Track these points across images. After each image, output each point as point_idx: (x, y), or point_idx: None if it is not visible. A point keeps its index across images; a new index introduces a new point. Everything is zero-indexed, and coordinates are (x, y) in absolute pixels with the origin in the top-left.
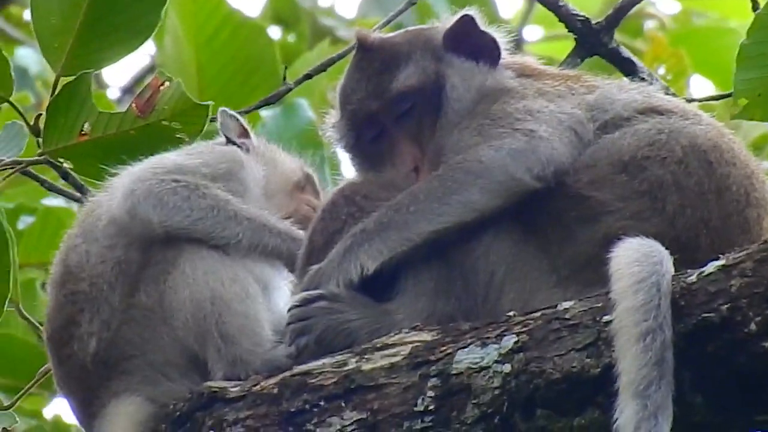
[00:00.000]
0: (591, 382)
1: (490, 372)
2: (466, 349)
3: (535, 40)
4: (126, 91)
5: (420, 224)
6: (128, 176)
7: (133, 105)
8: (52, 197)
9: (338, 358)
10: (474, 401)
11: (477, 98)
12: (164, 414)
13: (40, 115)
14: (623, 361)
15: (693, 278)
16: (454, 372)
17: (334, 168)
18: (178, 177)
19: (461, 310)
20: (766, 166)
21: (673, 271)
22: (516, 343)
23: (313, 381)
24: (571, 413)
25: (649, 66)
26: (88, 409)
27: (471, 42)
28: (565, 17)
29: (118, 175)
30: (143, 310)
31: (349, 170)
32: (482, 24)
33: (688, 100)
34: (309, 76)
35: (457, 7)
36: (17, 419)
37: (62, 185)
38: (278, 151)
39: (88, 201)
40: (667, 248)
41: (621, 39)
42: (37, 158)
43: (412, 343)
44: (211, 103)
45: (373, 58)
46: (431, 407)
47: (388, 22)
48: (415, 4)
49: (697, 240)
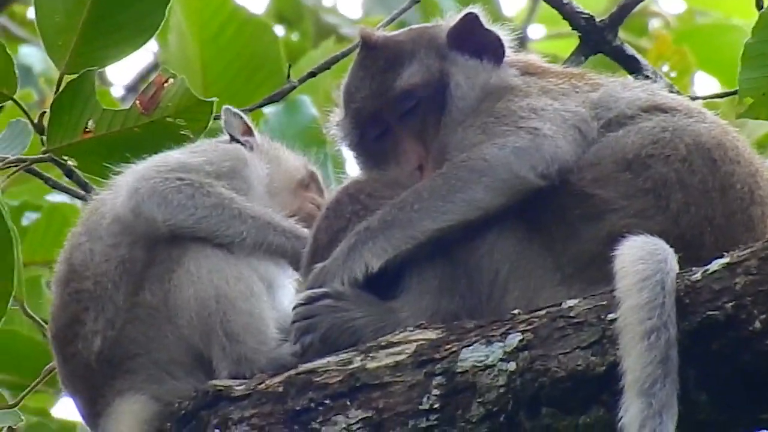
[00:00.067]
0: (596, 380)
1: (495, 370)
2: (470, 348)
3: (539, 38)
4: (130, 90)
5: (424, 222)
6: (132, 174)
7: (137, 102)
8: (56, 194)
9: (343, 356)
10: (479, 399)
11: (481, 96)
12: (169, 412)
13: (44, 113)
14: (628, 359)
15: (698, 276)
16: (459, 370)
17: (337, 166)
18: (182, 175)
19: (466, 308)
20: None
21: (677, 269)
22: (521, 341)
23: (318, 379)
24: (576, 411)
25: (653, 64)
26: (93, 407)
27: (475, 40)
28: (569, 15)
29: (122, 173)
30: (148, 309)
31: (354, 168)
32: (486, 22)
33: (692, 98)
34: (313, 74)
35: (461, 5)
36: (22, 417)
37: (66, 183)
38: (282, 149)
39: (92, 199)
40: (671, 246)
41: (626, 38)
42: (42, 156)
43: (416, 341)
44: (215, 99)
45: (377, 57)
46: (436, 405)
47: (392, 20)
48: (419, 2)
49: (702, 238)
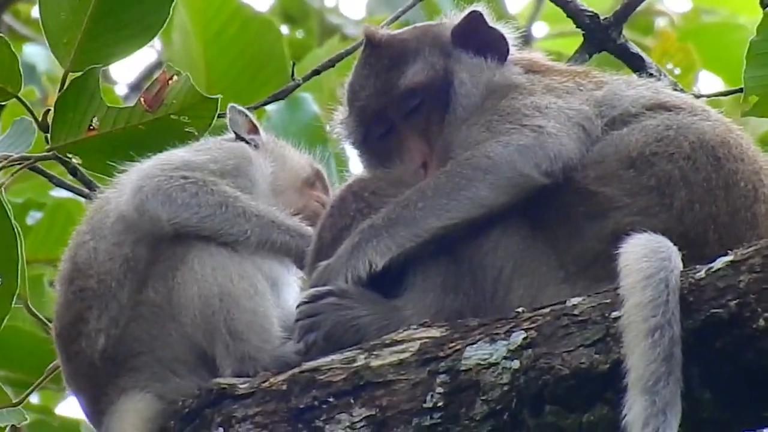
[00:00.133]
0: (600, 378)
1: (499, 368)
2: (474, 346)
3: (543, 36)
4: (133, 88)
5: (428, 220)
6: (136, 173)
7: (142, 99)
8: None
9: (347, 354)
10: (483, 397)
11: (485, 94)
12: (173, 410)
13: (48, 111)
14: (632, 357)
15: (701, 274)
16: (463, 368)
17: (341, 164)
18: (186, 173)
19: (470, 306)
20: None
21: (681, 266)
22: (525, 339)
23: (321, 377)
24: (579, 409)
25: (657, 62)
26: (97, 405)
27: (479, 38)
28: (574, 13)
29: (127, 171)
30: (152, 307)
31: (358, 167)
32: (490, 20)
33: (697, 96)
34: (317, 72)
35: (464, 4)
36: (26, 415)
37: (71, 181)
38: (287, 147)
39: (96, 197)
40: (675, 244)
41: (630, 36)
42: (46, 154)
43: (420, 339)
44: (219, 96)
45: (381, 55)
46: (440, 404)
47: (395, 19)
48: (422, 0)
49: (706, 235)
